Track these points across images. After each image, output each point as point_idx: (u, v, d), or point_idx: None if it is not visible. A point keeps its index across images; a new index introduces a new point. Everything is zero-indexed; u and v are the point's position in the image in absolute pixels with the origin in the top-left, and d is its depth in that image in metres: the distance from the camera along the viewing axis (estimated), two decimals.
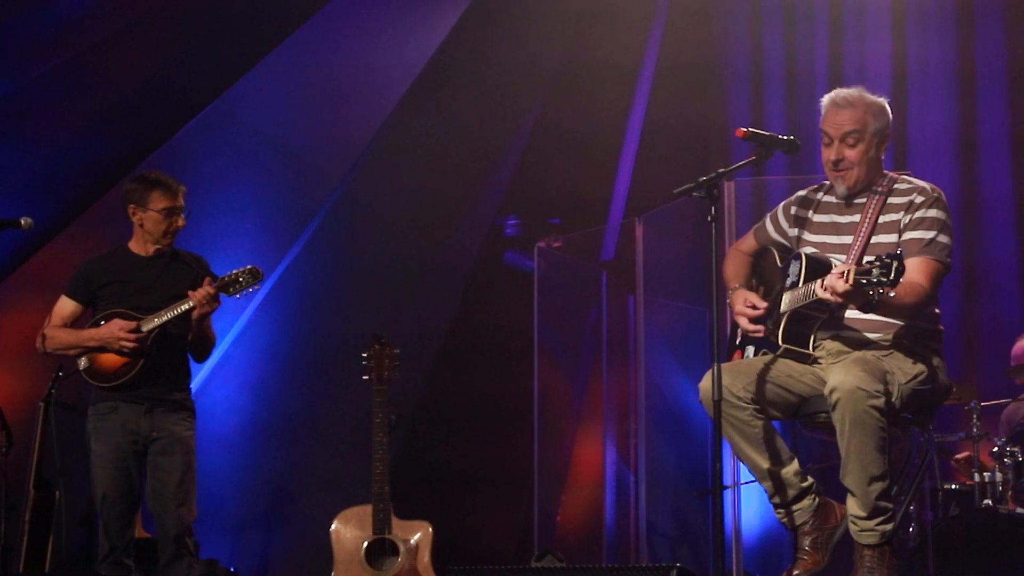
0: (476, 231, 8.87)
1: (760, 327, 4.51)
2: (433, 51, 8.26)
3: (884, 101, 4.57)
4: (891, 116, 4.58)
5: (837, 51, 8.51)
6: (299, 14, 7.90)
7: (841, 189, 4.52)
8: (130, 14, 7.35)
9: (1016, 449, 6.28)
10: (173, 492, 5.24)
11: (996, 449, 6.33)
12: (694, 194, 4.29)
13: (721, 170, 4.35)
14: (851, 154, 4.47)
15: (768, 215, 4.82)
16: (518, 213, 8.85)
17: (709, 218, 4.26)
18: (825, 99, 4.59)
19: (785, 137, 4.43)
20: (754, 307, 4.51)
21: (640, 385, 7.90)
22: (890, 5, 8.38)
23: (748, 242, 4.85)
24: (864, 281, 3.88)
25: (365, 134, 8.23)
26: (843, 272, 3.97)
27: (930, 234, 4.34)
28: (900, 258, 3.85)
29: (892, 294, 3.93)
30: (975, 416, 6.38)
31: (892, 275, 3.83)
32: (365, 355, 6.23)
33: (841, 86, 4.66)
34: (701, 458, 7.69)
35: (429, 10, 8.32)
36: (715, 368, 4.18)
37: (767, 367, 4.42)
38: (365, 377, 6.21)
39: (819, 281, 4.14)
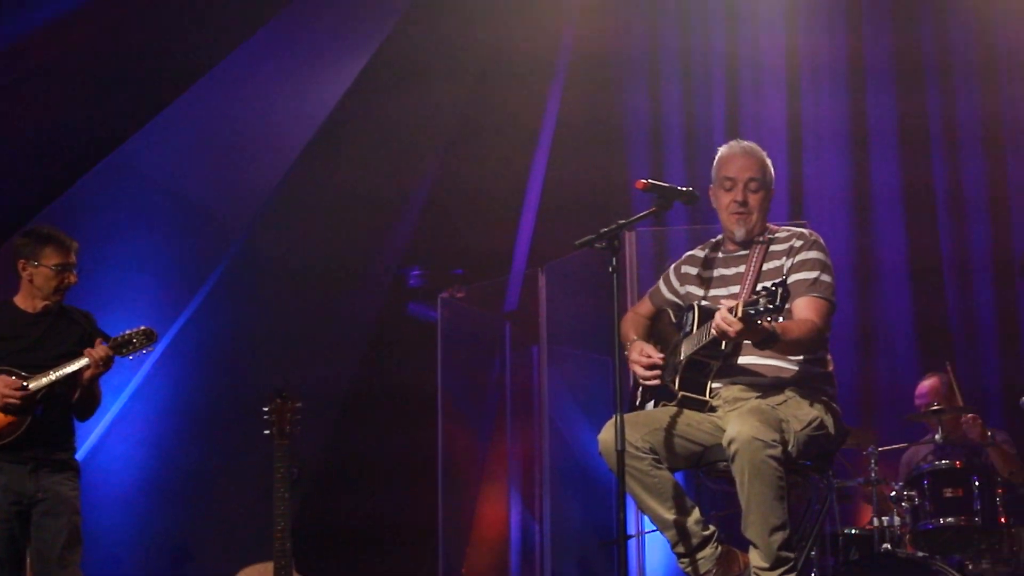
0: (379, 282, 8.83)
1: (655, 373, 4.54)
2: (335, 103, 8.24)
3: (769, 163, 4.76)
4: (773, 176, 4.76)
5: (734, 106, 8.63)
6: (200, 66, 7.83)
7: (740, 233, 4.63)
8: (27, 64, 7.24)
9: (914, 493, 6.37)
10: (58, 554, 5.12)
11: (894, 493, 6.41)
12: (595, 245, 4.34)
13: (622, 221, 4.42)
14: (753, 199, 4.62)
15: (661, 278, 4.93)
16: (421, 264, 8.83)
17: (610, 269, 4.30)
18: (724, 148, 4.74)
19: (684, 188, 4.51)
20: (648, 356, 4.57)
21: (544, 435, 7.89)
22: (785, 62, 8.53)
23: (645, 305, 4.97)
24: (752, 311, 3.98)
25: (266, 186, 8.16)
26: (732, 307, 4.04)
27: (813, 274, 4.47)
28: (784, 284, 3.97)
29: (781, 320, 4.01)
30: (873, 461, 6.45)
31: (778, 301, 3.93)
32: (266, 409, 6.13)
33: (738, 139, 4.79)
34: (606, 508, 7.69)
35: (331, 62, 8.30)
36: (617, 419, 4.19)
37: (666, 418, 4.46)
38: (266, 432, 6.11)
39: (711, 323, 4.21)
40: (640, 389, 4.74)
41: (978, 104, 8.17)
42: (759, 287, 4.02)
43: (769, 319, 3.98)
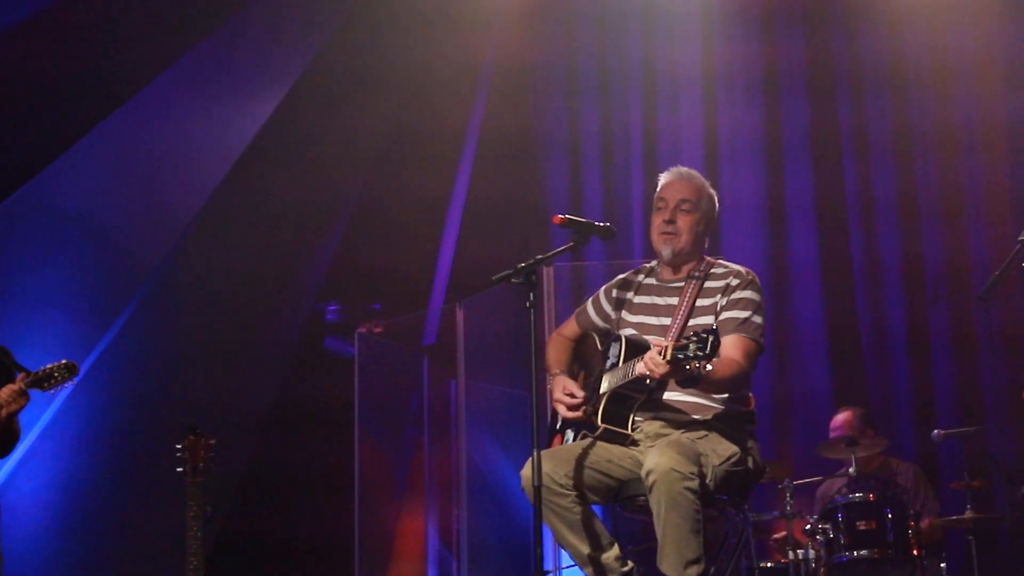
0: (296, 317, 8.75)
1: (578, 413, 4.55)
2: (254, 133, 8.19)
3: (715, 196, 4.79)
4: (717, 210, 4.80)
5: (652, 120, 8.69)
6: (116, 97, 7.75)
7: (666, 252, 4.65)
8: None
9: (828, 526, 6.43)
10: None
11: (809, 527, 6.46)
12: (512, 280, 4.35)
13: (539, 256, 4.44)
14: (682, 220, 4.64)
15: (590, 299, 4.91)
16: (339, 298, 8.78)
17: (528, 304, 4.32)
18: (665, 173, 4.78)
19: (601, 224, 4.56)
20: (572, 395, 4.57)
21: (462, 470, 7.86)
22: (700, 75, 8.62)
23: (570, 327, 4.94)
24: (681, 356, 3.99)
25: (183, 218, 8.08)
26: (661, 348, 4.06)
27: (744, 314, 4.50)
28: (716, 333, 3.99)
29: (709, 367, 4.05)
30: (788, 495, 6.51)
31: (708, 349, 3.95)
32: (179, 446, 6.05)
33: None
34: (523, 543, 7.64)
35: (250, 93, 8.26)
36: (535, 455, 4.20)
37: (587, 452, 4.46)
38: (179, 469, 6.03)
39: (638, 359, 4.23)
40: (559, 418, 4.74)
41: (889, 114, 8.27)
42: (692, 334, 4.03)
43: (699, 365, 4.00)
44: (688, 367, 4.01)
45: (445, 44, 8.65)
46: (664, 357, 4.06)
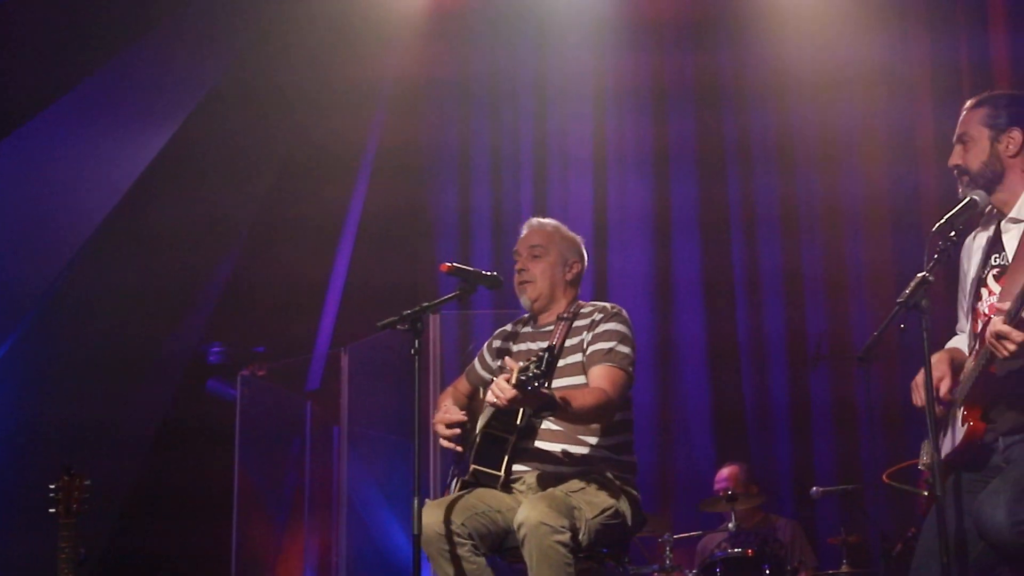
0: (178, 358, 8.70)
1: (453, 432, 4.63)
2: (145, 165, 8.12)
3: (579, 239, 4.93)
4: (584, 254, 4.92)
5: (542, 191, 8.85)
6: (3, 127, 7.67)
7: (524, 301, 4.80)
8: None
9: None
10: None
11: None
12: (398, 326, 4.43)
13: (425, 304, 4.53)
14: (534, 266, 4.78)
15: (477, 355, 5.03)
16: (222, 340, 8.76)
17: (413, 351, 4.39)
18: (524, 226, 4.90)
19: (488, 273, 4.68)
20: (449, 414, 4.66)
21: (342, 518, 7.83)
22: (592, 152, 8.79)
23: (463, 384, 5.05)
24: (524, 377, 4.04)
25: (69, 248, 7.98)
26: (508, 375, 4.14)
27: (610, 344, 4.59)
28: (552, 350, 4.09)
29: (551, 388, 4.14)
30: (668, 548, 6.64)
31: (543, 365, 4.02)
32: (53, 487, 6.00)
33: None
34: None
35: (142, 125, 8.19)
36: (415, 503, 4.26)
37: (480, 503, 4.51)
38: (52, 510, 5.98)
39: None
40: (451, 468, 4.82)
41: (776, 189, 8.46)
42: (534, 356, 4.10)
43: (538, 383, 4.05)
44: (530, 388, 4.05)
45: (343, 65, 8.68)
46: (510, 382, 4.11)
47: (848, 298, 8.15)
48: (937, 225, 3.84)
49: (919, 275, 3.73)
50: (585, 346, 4.63)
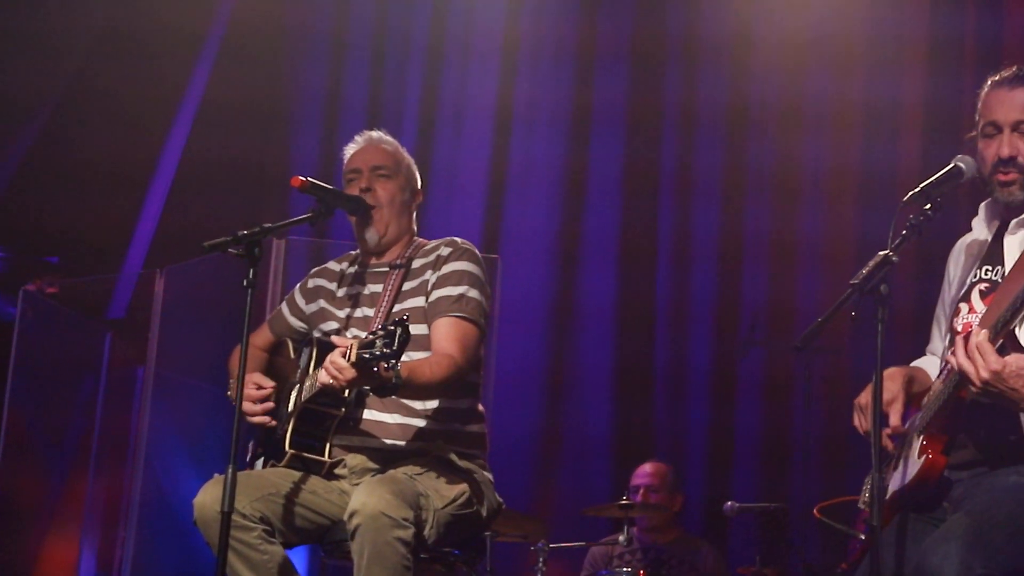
0: None
1: (265, 407, 4.55)
2: None
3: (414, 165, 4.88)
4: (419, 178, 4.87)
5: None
6: None
7: (370, 234, 4.67)
8: None
9: None
10: None
11: None
12: (230, 250, 4.25)
13: (267, 225, 4.35)
14: (382, 188, 4.70)
15: (285, 299, 4.94)
16: (3, 243, 8.53)
17: (246, 282, 4.22)
18: (348, 145, 4.84)
19: (351, 195, 4.55)
20: (260, 387, 4.56)
21: (137, 480, 7.79)
22: (495, 104, 8.94)
23: (262, 335, 4.99)
24: (368, 355, 3.94)
25: None
26: (345, 349, 4.02)
27: (459, 289, 4.54)
28: (405, 324, 3.94)
29: (399, 367, 4.05)
30: (541, 560, 6.59)
31: (396, 344, 3.91)
32: None
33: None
34: None
35: None
36: (229, 471, 4.08)
37: (287, 483, 4.42)
38: None
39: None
40: (251, 442, 4.70)
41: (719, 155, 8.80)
42: (379, 327, 3.99)
43: (387, 364, 3.97)
44: (377, 368, 3.98)
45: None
46: (348, 359, 4.00)
47: (796, 273, 8.38)
48: (910, 194, 3.72)
49: (881, 253, 3.58)
50: (429, 288, 4.56)
